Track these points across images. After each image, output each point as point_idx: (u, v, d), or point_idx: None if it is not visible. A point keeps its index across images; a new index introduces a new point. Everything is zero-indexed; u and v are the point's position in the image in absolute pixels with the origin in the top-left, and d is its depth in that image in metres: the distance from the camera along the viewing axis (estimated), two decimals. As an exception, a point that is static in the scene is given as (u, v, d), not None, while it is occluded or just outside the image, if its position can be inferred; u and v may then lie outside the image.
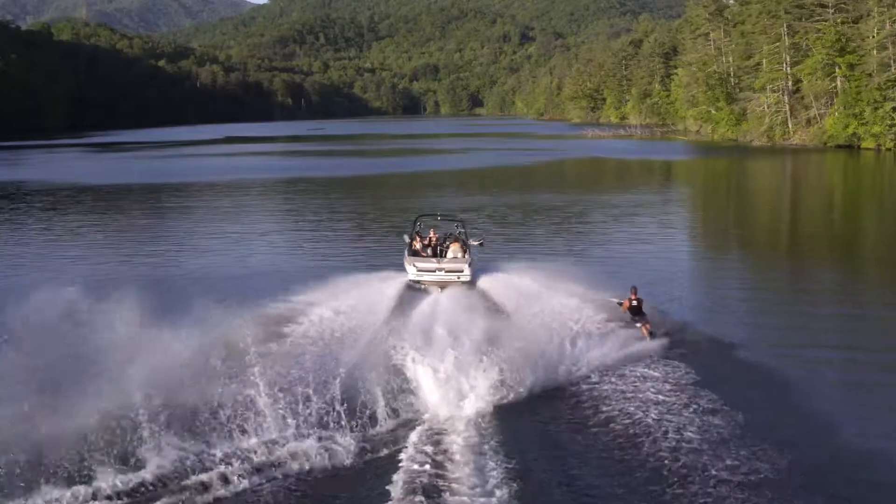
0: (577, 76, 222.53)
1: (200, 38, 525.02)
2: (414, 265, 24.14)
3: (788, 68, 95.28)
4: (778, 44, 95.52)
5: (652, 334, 19.24)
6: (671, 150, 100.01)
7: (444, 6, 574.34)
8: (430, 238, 25.77)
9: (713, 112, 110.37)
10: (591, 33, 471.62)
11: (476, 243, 26.00)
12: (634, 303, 19.70)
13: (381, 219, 41.36)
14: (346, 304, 21.31)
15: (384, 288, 23.50)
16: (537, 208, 44.68)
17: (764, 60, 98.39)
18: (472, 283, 23.92)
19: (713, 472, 12.18)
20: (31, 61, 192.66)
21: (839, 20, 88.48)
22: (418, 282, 24.03)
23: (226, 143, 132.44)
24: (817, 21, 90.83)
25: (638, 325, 19.52)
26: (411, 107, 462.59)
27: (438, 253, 25.10)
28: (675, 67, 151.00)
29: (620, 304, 20.13)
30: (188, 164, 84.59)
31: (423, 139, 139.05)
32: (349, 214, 43.84)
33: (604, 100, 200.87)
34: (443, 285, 23.70)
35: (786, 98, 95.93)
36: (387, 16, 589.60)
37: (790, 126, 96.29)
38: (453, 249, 24.86)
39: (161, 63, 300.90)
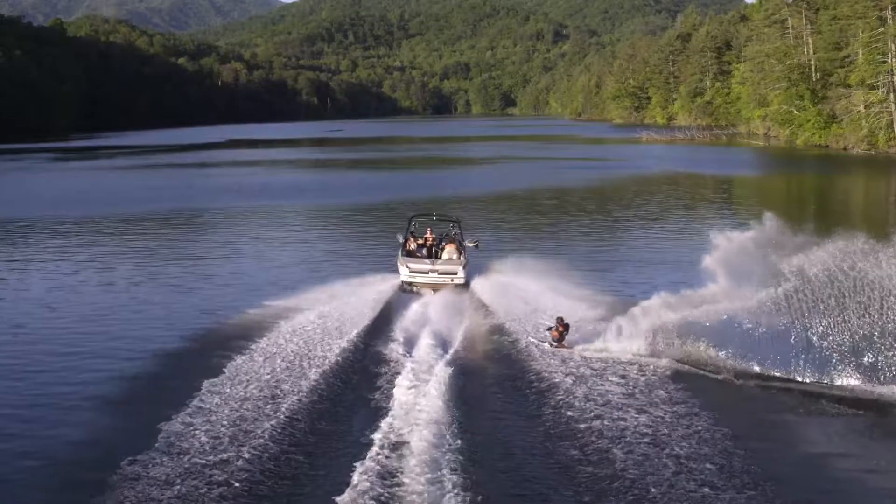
0: (619, 73, 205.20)
1: (229, 37, 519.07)
2: (407, 266, 23.38)
3: (894, 60, 78.04)
4: (881, 29, 78.30)
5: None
6: (755, 161, 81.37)
7: (475, 3, 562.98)
8: (427, 238, 25.05)
9: (795, 112, 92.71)
10: (625, 31, 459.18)
11: (471, 244, 25.34)
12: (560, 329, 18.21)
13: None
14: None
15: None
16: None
17: (860, 51, 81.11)
18: (466, 286, 22.98)
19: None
20: (38, 58, 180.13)
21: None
22: (411, 284, 23.29)
23: (226, 147, 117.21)
24: (934, 1, 73.87)
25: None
26: (441, 106, 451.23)
27: (434, 254, 24.37)
28: (730, 63, 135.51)
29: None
30: (130, 183, 64.58)
31: (450, 143, 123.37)
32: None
33: (648, 99, 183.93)
34: (436, 288, 22.94)
35: (892, 96, 78.58)
36: (417, 13, 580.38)
37: (896, 130, 79.02)
38: (448, 251, 24.19)
39: (181, 61, 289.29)
